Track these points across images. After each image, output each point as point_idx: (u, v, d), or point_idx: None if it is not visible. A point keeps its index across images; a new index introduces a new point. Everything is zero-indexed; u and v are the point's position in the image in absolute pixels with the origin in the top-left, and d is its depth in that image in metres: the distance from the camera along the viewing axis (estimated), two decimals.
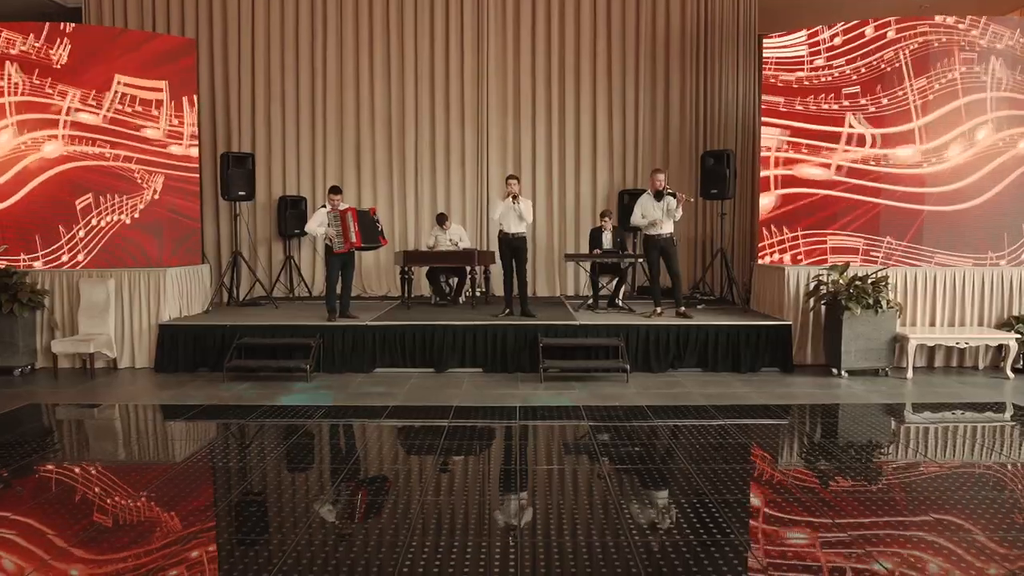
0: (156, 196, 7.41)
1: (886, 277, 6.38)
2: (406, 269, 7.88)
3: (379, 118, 9.41)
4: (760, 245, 7.58)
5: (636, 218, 7.16)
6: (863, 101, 7.10)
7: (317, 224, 6.88)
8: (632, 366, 6.37)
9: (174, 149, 7.53)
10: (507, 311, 7.06)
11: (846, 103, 7.16)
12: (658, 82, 9.45)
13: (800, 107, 7.31)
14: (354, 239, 6.78)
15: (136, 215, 7.28)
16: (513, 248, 7.02)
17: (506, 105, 9.47)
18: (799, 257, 7.35)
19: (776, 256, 7.46)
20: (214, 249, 9.31)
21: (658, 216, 6.97)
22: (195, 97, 7.78)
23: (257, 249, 9.35)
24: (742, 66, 9.25)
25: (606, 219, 7.97)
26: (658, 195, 6.98)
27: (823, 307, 6.73)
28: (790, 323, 6.77)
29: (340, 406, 5.47)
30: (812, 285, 6.73)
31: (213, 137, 9.29)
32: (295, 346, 6.60)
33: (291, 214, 8.93)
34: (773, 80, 7.44)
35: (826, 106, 7.22)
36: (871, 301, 6.24)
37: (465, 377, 6.43)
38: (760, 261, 7.62)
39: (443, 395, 5.79)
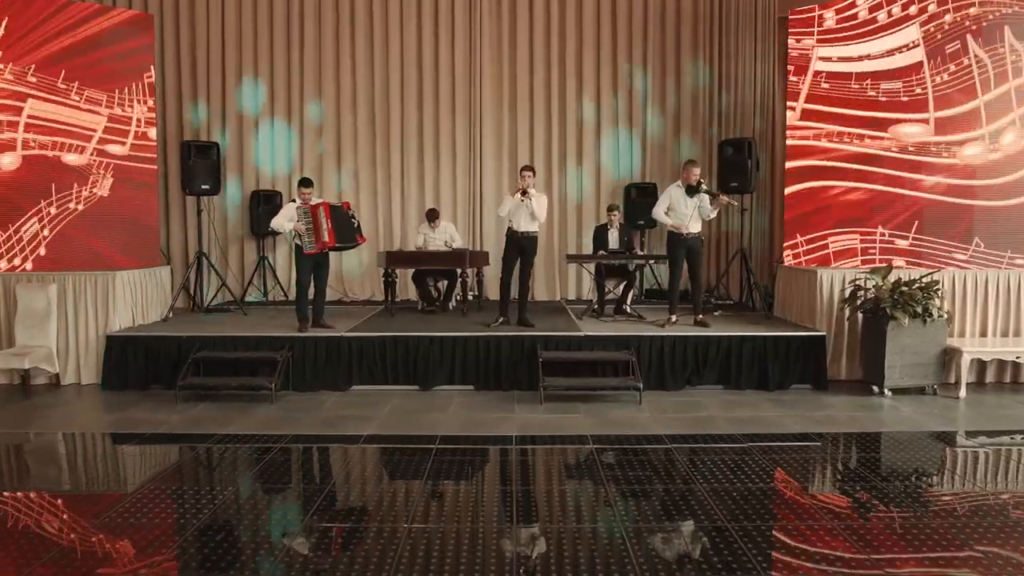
0: (107, 190, 6.58)
1: (937, 282, 5.58)
2: (389, 271, 7.05)
3: (362, 104, 8.58)
4: (786, 245, 6.76)
5: (659, 212, 6.27)
6: (904, 82, 6.29)
7: (286, 219, 6.05)
8: (644, 382, 5.56)
9: (129, 138, 6.71)
10: (501, 320, 6.24)
11: (884, 84, 6.35)
12: (668, 66, 8.64)
13: (830, 89, 6.50)
14: (327, 238, 5.96)
15: (83, 211, 6.45)
16: (521, 248, 6.21)
17: (501, 91, 8.65)
18: (829, 258, 6.55)
19: (804, 257, 6.65)
20: (181, 249, 8.49)
21: (687, 213, 6.12)
22: (153, 79, 6.95)
23: (228, 249, 8.52)
24: (760, 48, 8.42)
25: (613, 214, 7.14)
26: (690, 190, 6.14)
27: (860, 316, 5.93)
28: (824, 333, 5.96)
29: (305, 435, 4.66)
30: (848, 290, 5.94)
31: (179, 125, 8.46)
32: (260, 360, 5.78)
33: (264, 210, 8.09)
34: (799, 59, 6.63)
35: (860, 87, 6.41)
36: (919, 309, 5.43)
37: (454, 397, 5.62)
38: (785, 262, 6.81)
39: (427, 420, 4.98)
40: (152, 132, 6.93)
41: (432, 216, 7.55)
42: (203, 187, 7.20)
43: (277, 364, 5.63)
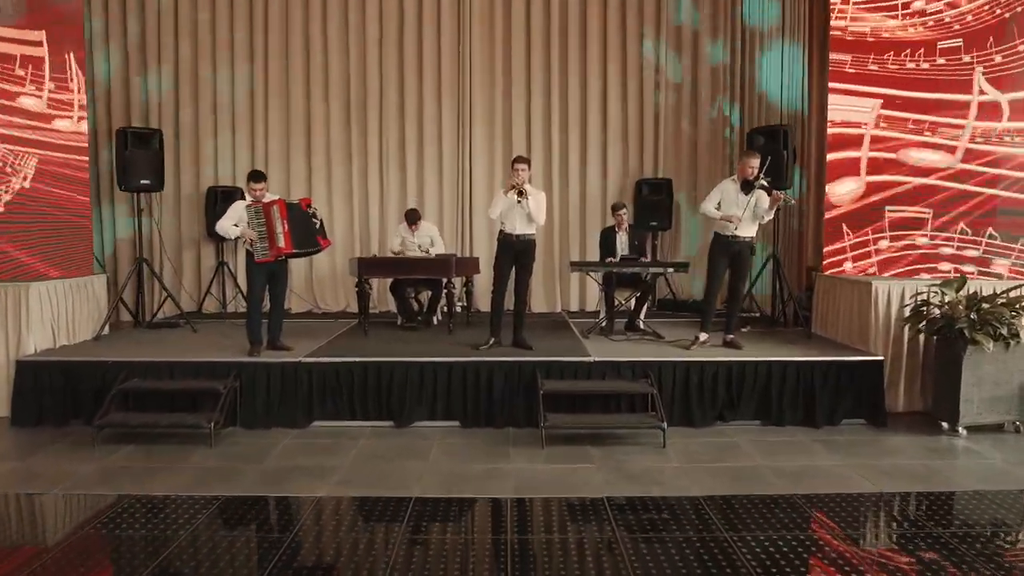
0: (26, 184, 5.54)
1: (1022, 297, 4.60)
2: (363, 281, 6.03)
3: (335, 86, 7.55)
4: (827, 250, 5.77)
5: (709, 206, 5.27)
6: (971, 57, 5.32)
7: (232, 222, 5.03)
8: (668, 416, 4.58)
9: (55, 123, 5.68)
10: (493, 341, 5.23)
11: (941, 60, 5.38)
12: (684, 45, 7.64)
13: (879, 67, 5.52)
14: (282, 244, 4.94)
15: None
16: (516, 253, 5.20)
17: (494, 74, 7.64)
18: (879, 267, 5.57)
19: (849, 264, 5.66)
20: (130, 255, 7.43)
21: (736, 213, 5.15)
22: (83, 54, 5.92)
23: (182, 254, 7.48)
24: (788, 26, 7.42)
25: (620, 214, 6.13)
26: (746, 186, 5.16)
27: (922, 337, 4.96)
28: (882, 358, 4.98)
29: (241, 497, 3.63)
30: (910, 306, 4.96)
31: (126, 109, 7.43)
32: (200, 392, 4.77)
33: (222, 209, 7.01)
34: (843, 33, 5.64)
35: (920, 64, 5.43)
36: (1004, 331, 4.45)
37: (436, 437, 4.61)
38: (827, 271, 5.82)
39: (400, 471, 3.98)
40: (84, 117, 5.90)
41: (413, 218, 6.52)
42: (143, 182, 6.15)
43: (220, 397, 4.61)
